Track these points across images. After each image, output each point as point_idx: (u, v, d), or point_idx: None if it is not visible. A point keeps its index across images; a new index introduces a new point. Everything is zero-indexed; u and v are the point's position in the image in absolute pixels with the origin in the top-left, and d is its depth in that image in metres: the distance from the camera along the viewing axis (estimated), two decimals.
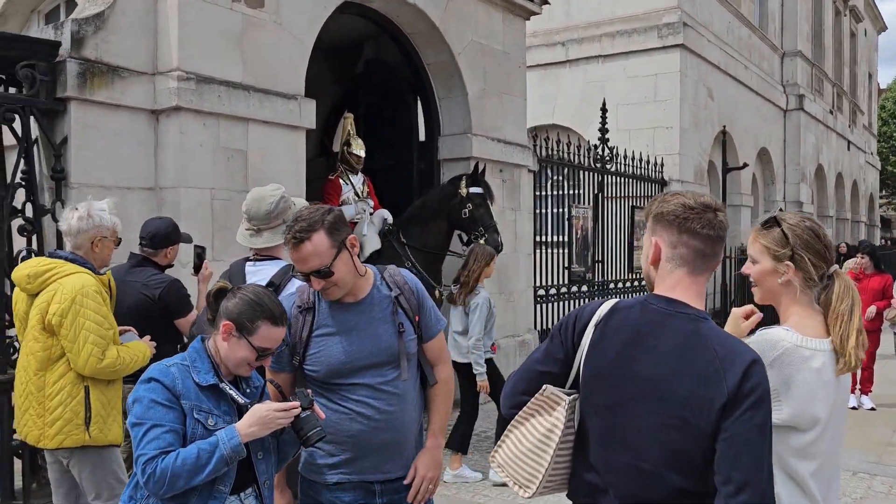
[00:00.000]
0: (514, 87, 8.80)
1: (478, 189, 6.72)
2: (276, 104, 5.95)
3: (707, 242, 1.95)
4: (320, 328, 2.61)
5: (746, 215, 17.55)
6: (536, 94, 14.67)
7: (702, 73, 14.48)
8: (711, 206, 1.97)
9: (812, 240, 2.15)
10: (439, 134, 8.24)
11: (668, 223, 1.97)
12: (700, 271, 1.97)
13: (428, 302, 2.83)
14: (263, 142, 5.88)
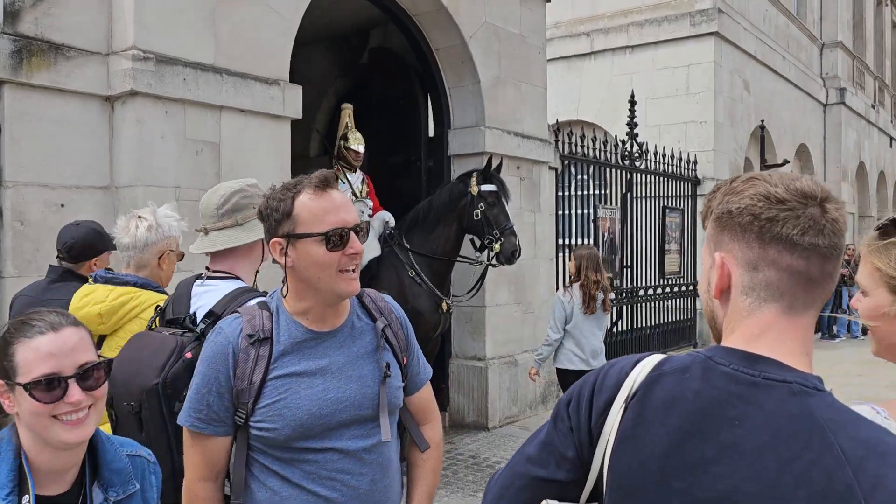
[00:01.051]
0: (534, 75, 7.96)
1: (491, 187, 5.88)
2: (255, 90, 5.17)
3: (813, 258, 1.14)
4: (282, 366, 1.83)
5: None
6: (560, 89, 13.84)
7: (737, 64, 13.53)
8: (815, 196, 1.15)
9: None
10: (449, 127, 7.43)
11: (741, 228, 1.17)
12: (803, 307, 1.17)
13: (415, 342, 2.10)
14: (240, 133, 5.11)
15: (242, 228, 2.56)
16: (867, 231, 7.25)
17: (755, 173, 1.24)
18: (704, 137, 12.69)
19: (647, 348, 11.29)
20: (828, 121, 18.77)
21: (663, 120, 12.93)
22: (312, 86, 9.63)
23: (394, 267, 6.10)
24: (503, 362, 7.46)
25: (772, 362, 1.11)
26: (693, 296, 12.53)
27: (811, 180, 1.21)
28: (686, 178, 12.28)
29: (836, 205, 1.16)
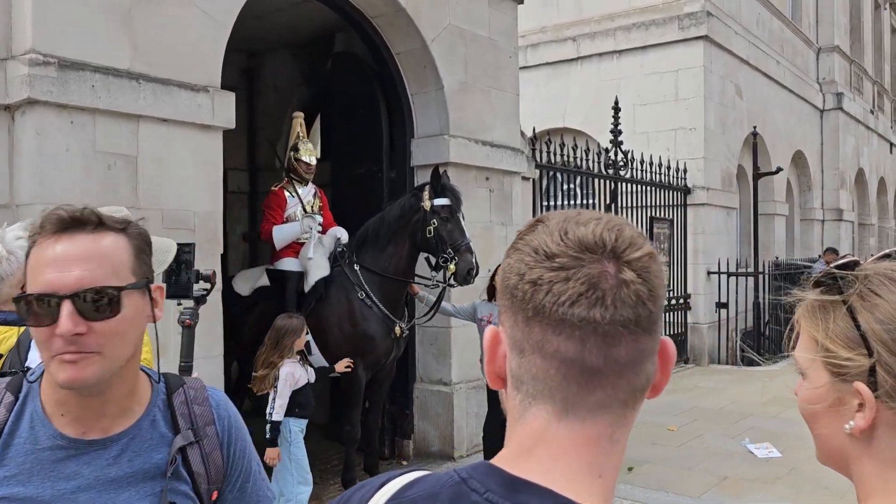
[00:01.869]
0: (504, 81, 7.50)
1: (444, 200, 5.40)
2: (179, 98, 4.71)
3: (591, 340, 0.82)
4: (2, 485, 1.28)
5: (781, 225, 16.04)
6: (544, 96, 13.42)
7: (728, 69, 13.06)
8: (602, 246, 0.83)
9: None
10: (412, 136, 6.97)
11: (509, 294, 0.87)
12: (588, 410, 0.84)
13: (254, 464, 1.53)
14: (161, 145, 4.65)
15: None
16: (866, 241, 6.56)
17: (552, 213, 0.89)
18: (694, 145, 12.22)
19: None
20: (825, 126, 18.28)
21: (652, 127, 12.46)
22: (277, 94, 9.21)
23: (343, 288, 5.63)
24: (471, 387, 6.97)
25: (538, 490, 0.80)
26: (683, 309, 12.05)
27: (613, 223, 0.84)
28: (675, 187, 11.82)
29: (640, 260, 0.83)
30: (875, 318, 0.95)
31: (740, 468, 6.44)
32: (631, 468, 6.32)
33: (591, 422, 0.82)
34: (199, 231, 4.81)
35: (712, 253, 12.35)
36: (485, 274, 7.11)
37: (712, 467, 6.45)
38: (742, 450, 7.02)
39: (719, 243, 12.64)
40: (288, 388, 4.75)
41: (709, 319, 12.23)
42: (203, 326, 4.88)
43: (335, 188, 8.05)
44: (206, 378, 4.81)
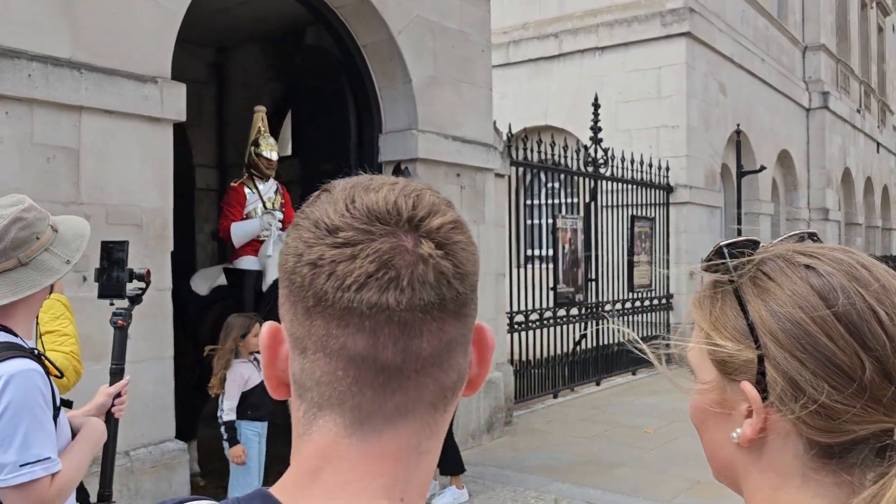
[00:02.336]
0: (476, 75, 7.32)
1: None
2: (125, 89, 4.51)
3: (385, 331, 0.65)
4: None
5: (766, 224, 15.93)
6: (527, 93, 13.27)
7: (712, 66, 12.92)
8: (398, 216, 0.67)
9: (838, 333, 0.76)
10: (380, 131, 6.79)
11: (288, 281, 0.71)
12: (385, 420, 0.67)
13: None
14: (106, 137, 4.45)
15: (28, 269, 2.02)
16: (853, 240, 6.35)
17: (340, 180, 0.72)
18: (677, 142, 12.08)
19: (615, 367, 10.66)
20: (811, 125, 18.18)
21: (634, 124, 12.32)
22: (247, 89, 9.01)
23: None
24: None
25: None
26: (666, 309, 11.90)
27: (411, 188, 0.70)
28: (657, 185, 11.67)
29: (442, 230, 0.67)
30: (766, 307, 0.78)
31: None
32: None
33: (390, 433, 0.66)
34: (147, 227, 4.62)
35: (695, 252, 12.19)
36: None
37: (686, 471, 6.28)
38: None
39: (702, 242, 12.49)
40: (236, 389, 4.57)
41: (691, 320, 12.04)
42: (151, 327, 4.70)
43: (304, 185, 7.86)
44: (156, 381, 4.64)
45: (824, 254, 0.80)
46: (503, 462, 6.53)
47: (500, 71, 13.78)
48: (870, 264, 0.79)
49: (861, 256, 0.80)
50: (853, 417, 0.73)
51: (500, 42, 13.80)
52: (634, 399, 9.29)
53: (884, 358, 0.73)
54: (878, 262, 0.81)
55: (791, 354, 0.75)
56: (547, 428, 7.82)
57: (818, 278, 0.77)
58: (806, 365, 0.75)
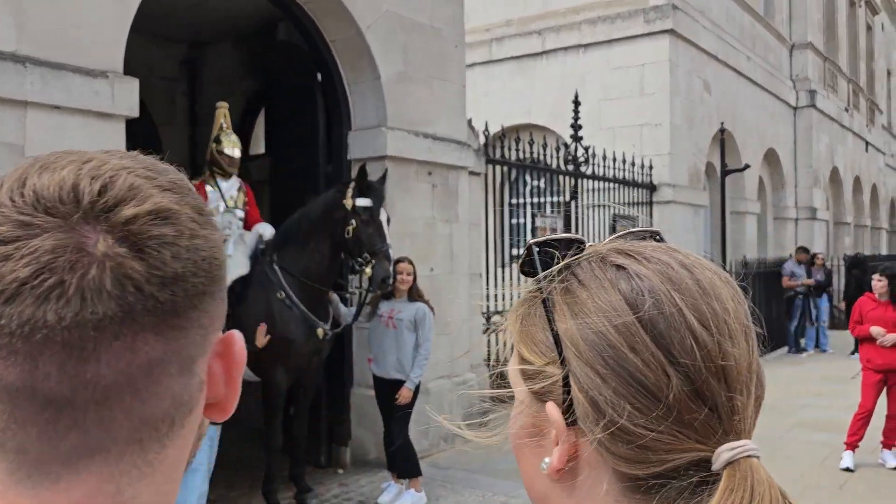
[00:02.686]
0: (449, 72, 7.20)
1: (366, 201, 5.06)
2: (73, 83, 4.38)
3: (48, 354, 0.50)
4: None
5: (752, 224, 15.83)
6: (510, 91, 13.16)
7: (696, 64, 12.81)
8: (73, 200, 0.52)
9: (643, 344, 0.63)
10: (349, 128, 6.66)
11: None
12: (60, 463, 0.52)
13: None
14: (53, 133, 4.32)
15: None
16: (842, 239, 6.15)
17: (33, 157, 0.58)
18: (660, 141, 11.96)
19: None
20: (798, 124, 18.10)
21: (617, 122, 12.20)
22: (220, 86, 8.86)
23: (262, 287, 5.31)
24: None
25: None
26: None
27: (107, 167, 0.55)
28: (640, 184, 11.56)
29: (138, 220, 0.53)
30: (572, 315, 0.66)
31: None
32: None
33: (70, 478, 0.52)
34: None
35: None
36: (427, 273, 6.82)
37: None
38: None
39: (686, 242, 12.38)
40: None
41: None
42: None
43: (275, 184, 7.74)
44: None
45: (642, 252, 0.68)
46: (473, 466, 6.41)
47: (482, 68, 13.67)
48: (692, 264, 0.67)
49: (686, 256, 0.68)
50: (661, 444, 0.61)
51: (483, 39, 13.68)
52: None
53: (694, 373, 0.61)
54: (707, 263, 0.68)
55: (592, 369, 0.63)
56: None
57: (627, 281, 0.65)
58: (607, 382, 0.62)
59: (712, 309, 0.63)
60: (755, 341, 0.66)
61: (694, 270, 0.66)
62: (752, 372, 0.64)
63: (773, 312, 13.82)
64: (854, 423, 6.40)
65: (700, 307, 0.63)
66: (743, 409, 0.63)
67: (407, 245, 6.58)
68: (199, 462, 4.47)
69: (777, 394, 9.58)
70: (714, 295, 0.64)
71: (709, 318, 0.63)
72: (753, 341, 0.66)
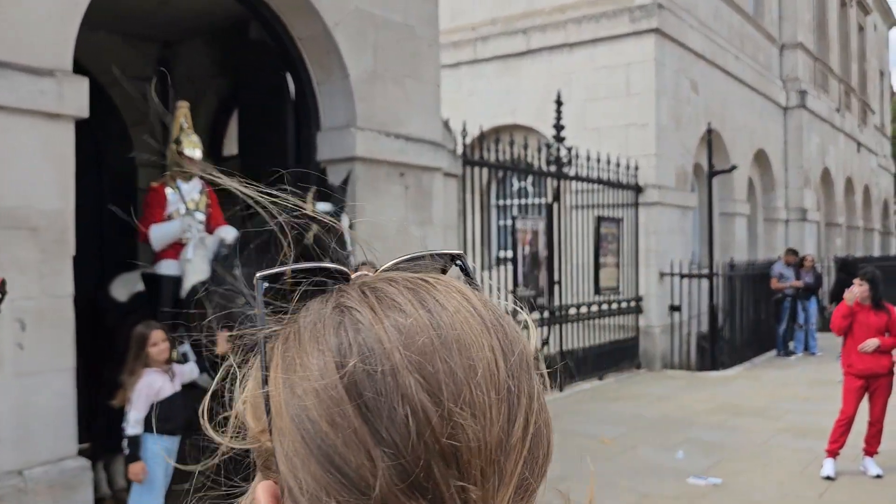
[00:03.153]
0: (422, 71, 7.03)
1: (326, 206, 4.88)
2: (18, 82, 4.20)
3: None
4: None
5: (742, 225, 15.69)
6: (495, 90, 13.02)
7: (683, 63, 12.66)
8: None
9: (343, 416, 0.46)
10: (318, 129, 6.49)
11: None
12: None
13: None
14: None
15: None
16: (833, 241, 5.93)
17: None
18: (646, 141, 11.80)
19: (581, 372, 10.38)
20: (788, 125, 17.95)
21: (603, 123, 12.04)
22: (193, 85, 8.68)
23: (222, 294, 5.13)
24: None
25: None
26: (635, 312, 11.64)
27: None
28: (625, 185, 11.40)
29: None
30: (284, 373, 0.51)
31: (665, 485, 6.00)
32: None
33: None
34: (46, 231, 4.32)
35: (665, 254, 11.94)
36: None
37: (636, 484, 6.01)
38: (672, 463, 6.59)
39: (673, 244, 12.24)
40: (143, 400, 4.26)
41: (661, 322, 11.82)
42: (50, 336, 4.40)
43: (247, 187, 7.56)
44: (54, 393, 4.31)
45: (384, 290, 0.52)
46: None
47: (467, 68, 13.52)
48: (442, 306, 0.50)
49: (445, 294, 0.52)
50: None
51: (468, 38, 13.53)
52: (597, 406, 9.01)
53: (408, 456, 0.45)
54: (472, 305, 0.52)
55: (292, 447, 0.48)
56: None
57: (340, 331, 0.49)
58: (306, 465, 0.47)
59: (448, 368, 0.47)
60: (527, 405, 0.50)
61: (441, 315, 0.49)
62: (508, 450, 0.48)
63: (762, 315, 13.68)
64: (835, 429, 6.25)
65: (427, 367, 0.47)
66: (483, 503, 0.46)
67: (378, 249, 6.40)
68: (154, 476, 4.29)
69: (763, 399, 9.44)
70: (458, 349, 0.48)
71: (439, 382, 0.46)
72: (519, 407, 0.49)
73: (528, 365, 0.51)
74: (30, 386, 4.23)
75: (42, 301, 4.29)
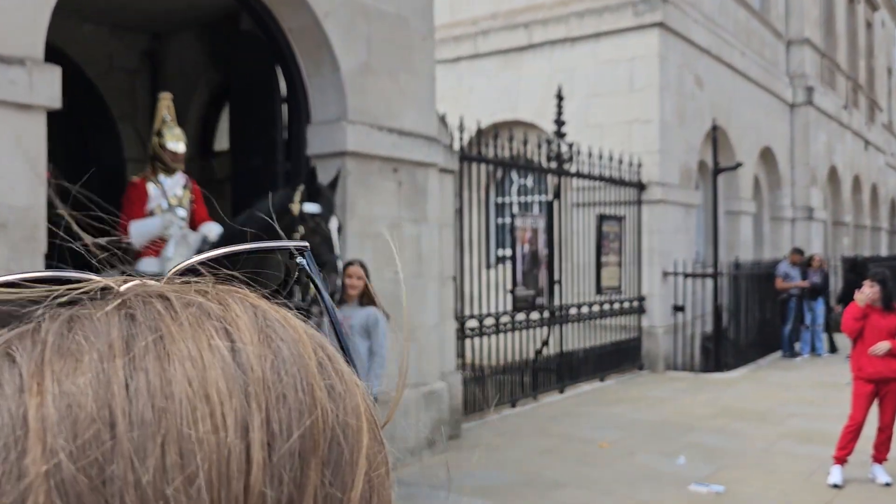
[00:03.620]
0: (417, 64, 6.81)
1: (313, 207, 4.67)
2: None
3: None
4: None
5: (747, 224, 15.44)
6: (496, 86, 12.80)
7: (687, 58, 12.42)
8: None
9: None
10: (308, 123, 6.28)
11: None
12: None
13: None
14: None
15: None
16: (840, 240, 5.61)
17: None
18: (650, 138, 11.57)
19: (582, 373, 10.17)
20: (795, 122, 17.68)
21: (606, 119, 11.81)
22: (183, 79, 8.50)
23: None
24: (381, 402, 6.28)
25: None
26: (637, 312, 11.41)
27: None
28: (628, 182, 11.17)
29: None
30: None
31: (665, 492, 5.78)
32: None
33: None
34: (14, 228, 4.11)
35: (669, 253, 11.71)
36: (392, 276, 6.45)
37: (634, 492, 5.80)
38: (673, 469, 6.37)
39: (677, 243, 12.01)
40: None
41: (665, 323, 11.59)
42: None
43: (236, 181, 7.37)
44: None
45: (87, 325, 0.31)
46: (438, 482, 6.02)
47: (467, 63, 13.30)
48: (179, 351, 0.29)
49: (192, 329, 0.31)
50: None
51: (468, 33, 13.31)
52: (597, 409, 8.80)
53: None
54: (273, 344, 0.31)
55: None
56: (496, 442, 7.33)
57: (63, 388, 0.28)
58: None
59: (133, 480, 0.26)
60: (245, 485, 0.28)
61: (151, 378, 0.28)
62: None
63: (767, 315, 13.44)
64: (844, 436, 6.02)
65: (91, 478, 0.26)
66: None
67: (369, 247, 6.21)
68: None
69: (766, 402, 9.21)
70: (164, 440, 0.27)
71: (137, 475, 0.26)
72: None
73: (329, 452, 0.30)
74: None
75: None
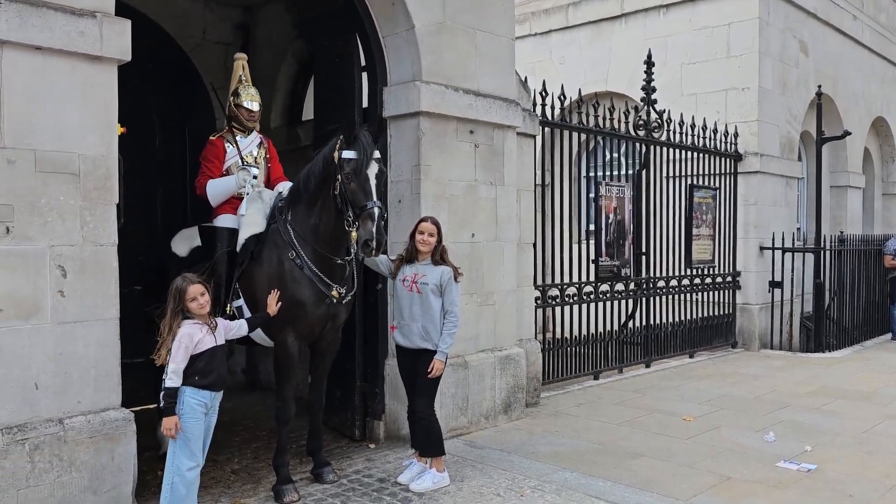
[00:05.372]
0: (495, 22, 6.64)
1: (350, 153, 4.59)
2: (55, 23, 4.08)
3: None
4: None
5: (856, 199, 14.57)
6: (587, 58, 12.49)
7: (791, 22, 11.74)
8: None
9: None
10: (385, 84, 6.23)
11: None
12: None
13: None
14: (34, 76, 4.04)
15: None
16: None
17: None
18: (747, 106, 11.02)
19: (669, 348, 9.83)
20: None
21: (701, 88, 11.31)
22: (272, 50, 8.60)
23: (275, 247, 4.95)
24: (450, 364, 6.20)
25: None
26: (731, 288, 10.93)
27: None
28: (723, 153, 10.68)
29: None
30: None
31: (749, 468, 5.48)
32: None
33: None
34: (87, 177, 4.21)
35: (767, 227, 11.16)
36: (468, 239, 6.35)
37: (717, 465, 5.52)
38: (760, 445, 6.05)
39: (776, 216, 11.43)
40: (182, 352, 4.10)
41: (761, 300, 11.06)
42: (92, 286, 4.30)
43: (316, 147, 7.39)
44: (97, 343, 4.21)
45: None
46: (510, 446, 5.91)
47: (559, 35, 13.03)
48: None
49: None
50: None
51: (560, 4, 13.01)
52: (683, 383, 8.47)
53: None
54: None
55: None
56: (575, 411, 7.14)
57: None
58: None
59: None
60: None
61: None
62: None
63: (875, 295, 12.65)
64: None
65: None
66: None
67: (444, 208, 6.13)
68: (190, 432, 4.14)
69: (870, 383, 8.65)
70: None
71: None
72: None
73: None
74: (70, 334, 4.15)
75: (84, 249, 4.20)
